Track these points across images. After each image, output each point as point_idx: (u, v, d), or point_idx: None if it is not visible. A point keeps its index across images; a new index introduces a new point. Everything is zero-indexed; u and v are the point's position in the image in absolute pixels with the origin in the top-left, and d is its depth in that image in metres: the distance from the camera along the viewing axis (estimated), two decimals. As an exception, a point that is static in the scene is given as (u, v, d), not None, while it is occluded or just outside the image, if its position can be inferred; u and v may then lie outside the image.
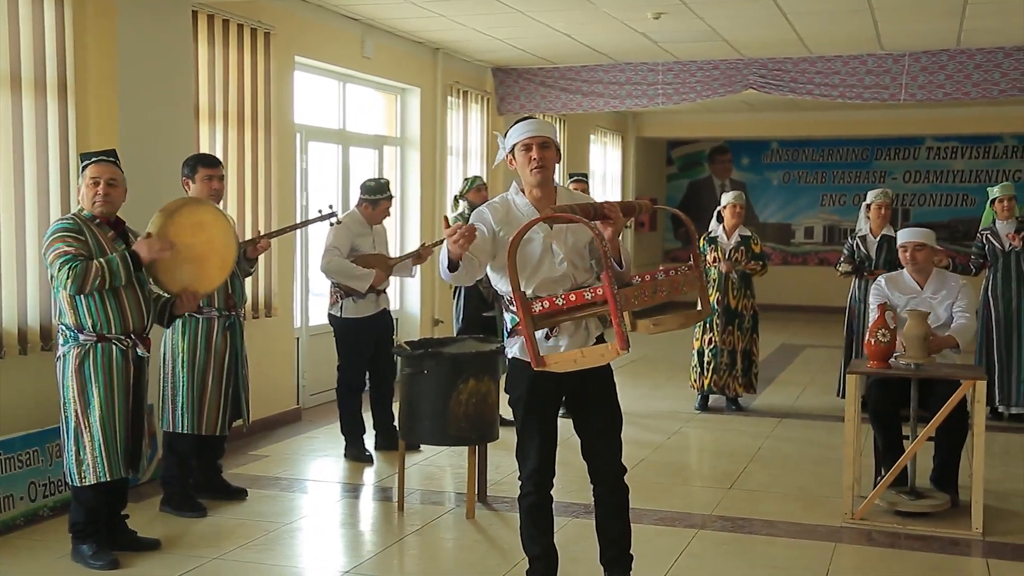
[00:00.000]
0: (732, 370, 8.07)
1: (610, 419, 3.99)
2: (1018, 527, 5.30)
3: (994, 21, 8.30)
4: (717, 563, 4.79)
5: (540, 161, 3.83)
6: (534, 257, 3.82)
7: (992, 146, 15.86)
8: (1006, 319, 7.77)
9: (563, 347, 3.84)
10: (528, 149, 3.84)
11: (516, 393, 3.96)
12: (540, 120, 3.96)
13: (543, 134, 3.85)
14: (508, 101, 10.78)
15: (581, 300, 3.48)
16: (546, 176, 3.88)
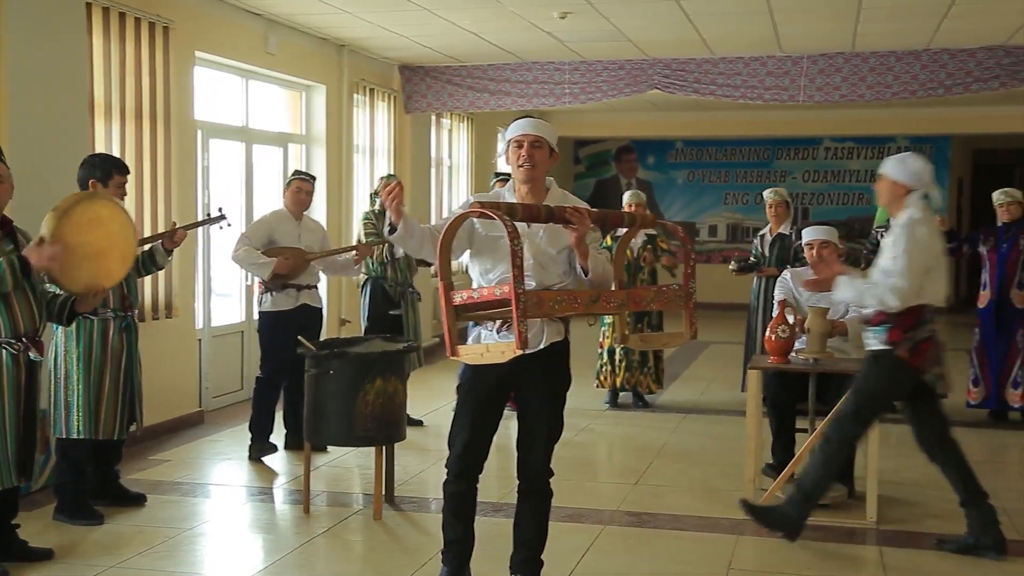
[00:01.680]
0: (644, 367, 8.18)
1: (548, 421, 4.02)
2: (910, 515, 5.48)
3: (886, 25, 8.57)
4: (623, 558, 4.84)
5: (528, 159, 3.88)
6: (501, 253, 3.85)
7: (886, 147, 16.36)
8: None
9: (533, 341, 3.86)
10: (520, 146, 3.90)
11: (461, 379, 4.03)
12: (537, 120, 4.00)
13: (536, 133, 3.91)
14: (415, 99, 10.73)
15: (491, 296, 3.55)
16: (533, 174, 3.92)
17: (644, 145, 17.32)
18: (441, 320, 3.69)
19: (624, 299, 3.86)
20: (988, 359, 7.73)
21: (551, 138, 3.95)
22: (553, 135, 3.97)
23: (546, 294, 3.60)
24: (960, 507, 4.90)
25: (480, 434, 3.99)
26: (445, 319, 3.62)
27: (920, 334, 4.73)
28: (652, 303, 3.95)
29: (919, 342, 4.73)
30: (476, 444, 3.99)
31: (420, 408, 7.82)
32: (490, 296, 3.55)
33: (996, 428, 7.69)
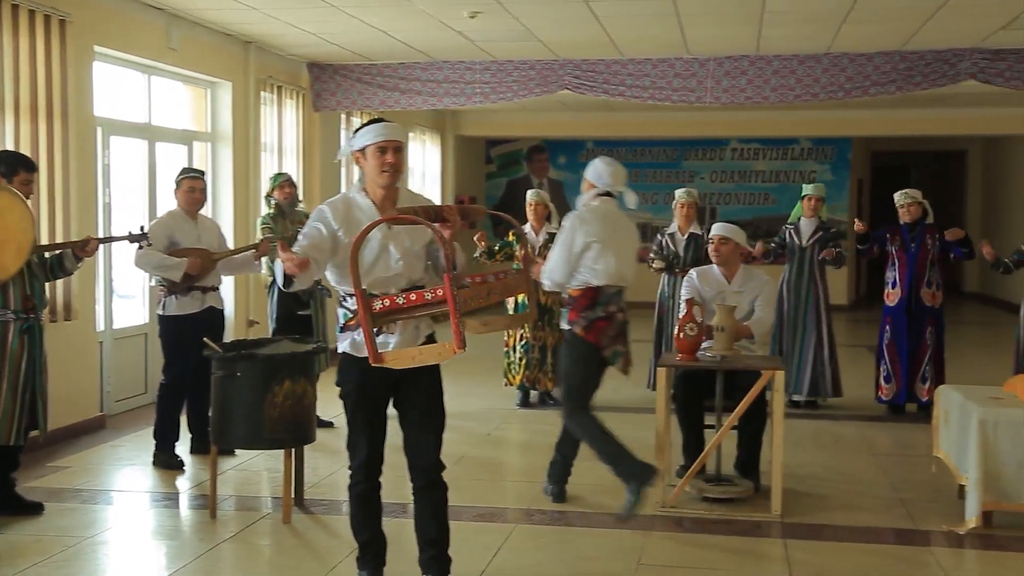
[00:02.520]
0: (543, 365, 8.22)
1: (431, 415, 4.04)
2: (812, 507, 5.61)
3: (788, 30, 8.76)
4: (534, 556, 4.85)
5: (394, 165, 3.89)
6: (371, 256, 3.87)
7: (790, 148, 16.76)
8: (794, 312, 8.21)
9: (392, 344, 3.89)
10: (383, 152, 3.88)
11: (346, 387, 4.02)
12: (394, 124, 3.97)
13: (398, 139, 3.91)
14: (324, 97, 10.60)
15: (421, 300, 3.58)
16: (395, 180, 3.94)
17: (555, 145, 17.43)
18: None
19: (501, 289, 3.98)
20: (899, 356, 7.95)
21: (406, 140, 3.99)
22: (406, 137, 4.01)
23: (466, 292, 3.62)
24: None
25: (378, 436, 4.04)
26: (364, 328, 3.62)
27: (595, 313, 5.26)
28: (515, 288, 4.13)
29: (594, 320, 5.26)
30: (377, 446, 4.04)
31: (330, 409, 7.73)
32: (419, 300, 3.57)
33: (895, 421, 7.92)
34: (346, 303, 3.92)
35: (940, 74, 9.41)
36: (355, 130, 4.00)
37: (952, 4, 7.77)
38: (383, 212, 3.88)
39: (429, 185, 15.05)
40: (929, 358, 7.89)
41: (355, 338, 3.91)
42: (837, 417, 8.05)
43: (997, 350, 11.00)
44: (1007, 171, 17.57)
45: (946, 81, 9.42)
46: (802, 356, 8.17)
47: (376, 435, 4.03)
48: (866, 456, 6.86)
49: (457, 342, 3.48)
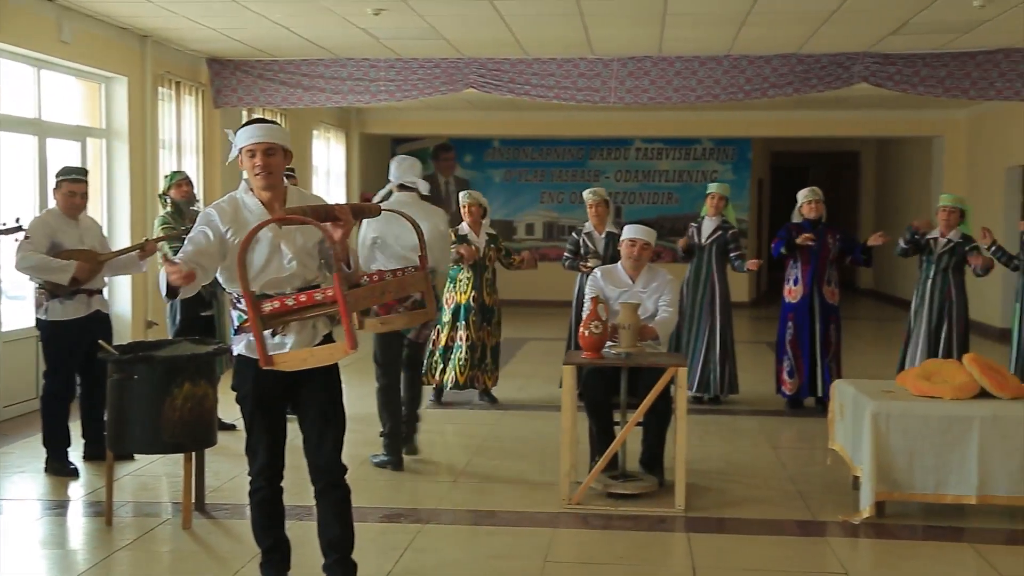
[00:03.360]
0: (483, 364, 8.23)
1: (329, 416, 3.97)
2: (715, 502, 5.71)
3: (690, 32, 8.91)
4: (441, 556, 4.83)
5: (264, 168, 3.81)
6: (262, 256, 3.81)
7: (693, 148, 17.05)
8: (690, 309, 8.35)
9: (289, 345, 3.84)
10: (252, 155, 3.81)
11: (243, 391, 3.96)
12: (268, 125, 3.88)
13: (268, 140, 3.81)
14: (225, 94, 10.39)
15: (311, 300, 3.53)
16: (271, 182, 3.85)
17: (462, 143, 17.42)
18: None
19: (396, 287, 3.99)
20: (802, 351, 8.14)
21: (283, 141, 3.88)
22: (285, 137, 3.91)
23: (358, 291, 3.59)
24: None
25: (277, 440, 3.97)
26: (255, 329, 3.55)
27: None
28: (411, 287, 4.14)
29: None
30: (276, 450, 3.97)
31: (232, 412, 7.57)
32: (309, 301, 3.51)
33: (794, 416, 8.12)
34: (240, 305, 3.83)
35: (834, 77, 9.68)
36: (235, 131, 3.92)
37: (844, 9, 7.99)
38: (272, 211, 3.81)
39: (334, 184, 14.89)
40: (832, 354, 8.11)
41: (250, 340, 3.83)
42: (738, 412, 8.21)
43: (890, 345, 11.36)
44: (898, 172, 18.18)
45: (840, 83, 9.70)
46: (695, 353, 8.32)
47: (275, 439, 3.96)
48: (766, 450, 7.01)
49: (349, 342, 3.44)
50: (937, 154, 15.47)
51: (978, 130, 14.37)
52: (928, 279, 7.59)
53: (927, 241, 7.67)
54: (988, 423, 5.17)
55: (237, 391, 3.98)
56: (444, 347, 8.20)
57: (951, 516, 5.37)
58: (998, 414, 5.18)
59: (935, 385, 5.39)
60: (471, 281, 8.19)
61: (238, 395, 3.97)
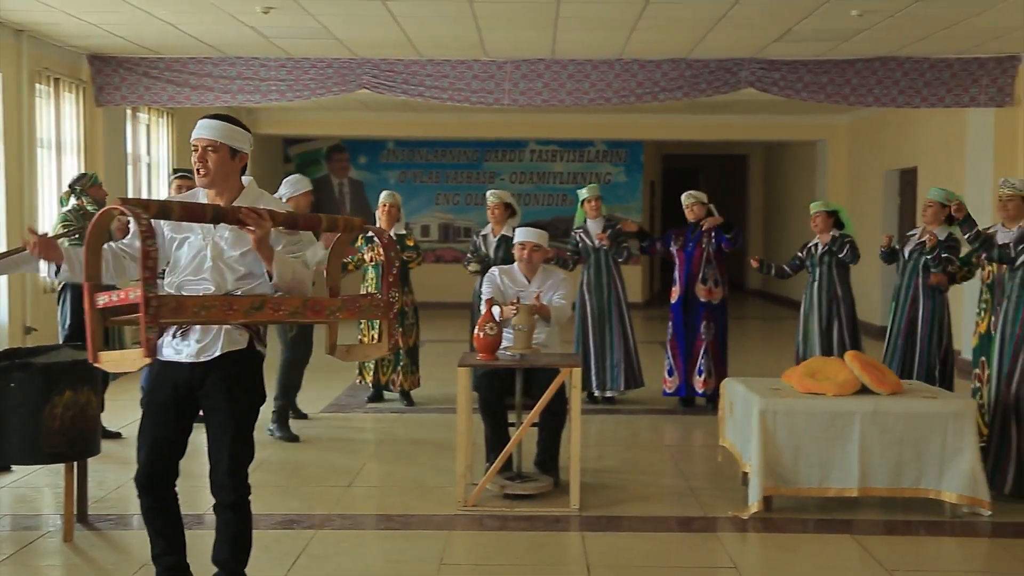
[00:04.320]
0: (399, 365, 8.17)
1: (229, 432, 3.76)
2: (609, 500, 5.78)
3: (582, 35, 9.00)
4: (335, 561, 4.78)
5: (200, 163, 3.69)
6: (187, 257, 3.70)
7: (586, 150, 17.24)
8: (598, 311, 8.45)
9: (186, 352, 3.69)
10: (195, 150, 3.70)
11: (143, 391, 3.89)
12: (213, 122, 3.72)
13: (210, 136, 3.69)
14: (108, 92, 10.07)
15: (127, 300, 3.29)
16: (210, 179, 3.70)
17: (356, 145, 17.26)
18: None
19: (299, 307, 3.61)
20: (679, 350, 8.31)
21: (230, 139, 3.71)
22: (234, 135, 3.73)
23: (190, 299, 3.38)
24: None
25: (163, 445, 3.78)
26: (88, 322, 3.38)
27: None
28: (338, 312, 3.72)
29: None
30: (160, 456, 3.78)
31: (121, 419, 7.37)
32: (126, 299, 3.29)
33: (685, 414, 8.28)
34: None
35: (722, 81, 9.90)
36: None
37: (731, 16, 8.18)
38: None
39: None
40: (704, 352, 8.28)
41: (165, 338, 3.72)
42: (632, 411, 8.33)
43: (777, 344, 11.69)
44: (784, 175, 18.72)
45: (728, 88, 9.93)
46: (612, 353, 8.41)
47: (159, 444, 3.77)
48: (659, 448, 7.14)
49: (145, 350, 3.23)
50: (821, 157, 15.99)
51: (859, 135, 14.90)
52: (815, 281, 7.83)
53: (807, 251, 7.92)
54: (868, 418, 5.36)
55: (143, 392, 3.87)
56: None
57: (835, 509, 5.54)
58: (878, 409, 5.37)
59: (819, 382, 5.56)
60: (375, 282, 8.15)
61: (142, 396, 3.86)
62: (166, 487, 3.84)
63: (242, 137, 3.78)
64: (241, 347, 3.74)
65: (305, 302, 3.65)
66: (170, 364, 3.73)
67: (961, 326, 8.58)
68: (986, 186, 9.64)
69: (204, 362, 3.68)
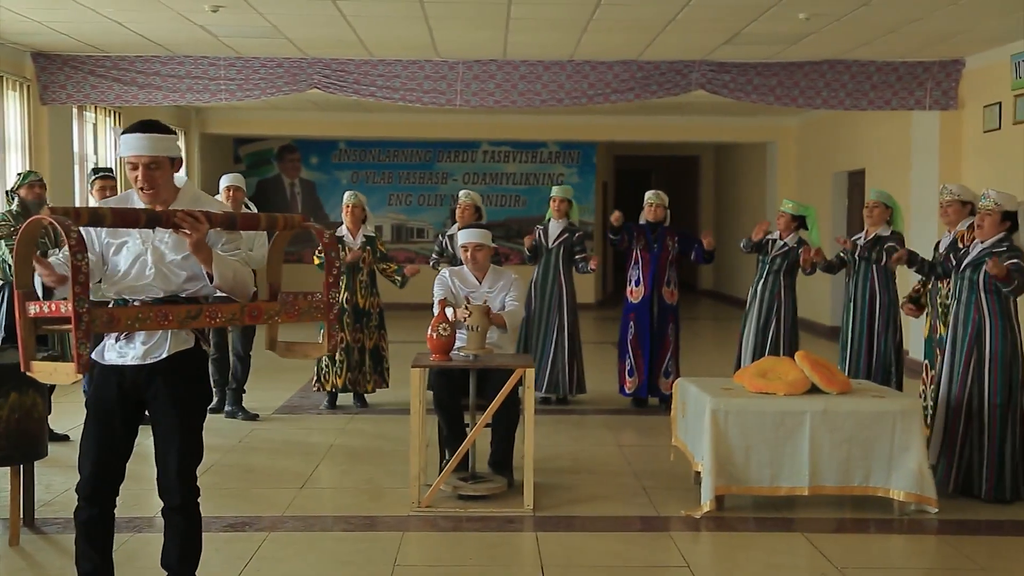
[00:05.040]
0: (362, 367, 8.12)
1: (172, 435, 3.70)
2: (562, 500, 5.80)
3: (533, 36, 9.02)
4: (288, 565, 4.74)
5: (146, 182, 3.58)
6: (126, 262, 3.62)
7: (539, 151, 17.28)
8: (539, 311, 8.46)
9: (131, 354, 3.62)
10: (134, 168, 3.58)
11: (86, 397, 3.79)
12: (150, 135, 3.60)
13: (151, 153, 3.57)
14: (53, 90, 9.90)
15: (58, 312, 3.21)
16: (154, 198, 3.60)
17: (307, 145, 17.14)
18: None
19: (237, 313, 3.61)
20: (643, 351, 8.34)
21: (168, 151, 3.63)
22: (170, 145, 3.64)
23: (123, 311, 3.35)
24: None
25: (108, 453, 3.69)
26: (20, 331, 3.31)
27: None
28: (277, 315, 3.70)
29: None
30: (106, 464, 3.69)
31: (68, 421, 7.25)
32: (57, 312, 3.23)
33: (639, 414, 8.32)
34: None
35: (673, 83, 9.99)
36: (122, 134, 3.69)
37: (680, 19, 8.25)
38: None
39: (173, 185, 14.38)
40: (671, 354, 8.35)
41: (104, 343, 3.66)
42: (585, 411, 8.36)
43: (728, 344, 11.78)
44: (735, 176, 18.91)
45: (679, 90, 10.02)
46: (544, 355, 8.43)
47: (104, 452, 3.68)
48: (612, 448, 7.17)
49: (77, 365, 3.16)
50: (771, 159, 16.18)
51: (807, 137, 15.10)
52: (761, 279, 7.88)
53: (766, 241, 7.98)
54: (818, 417, 5.43)
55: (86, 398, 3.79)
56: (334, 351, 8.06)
57: (785, 507, 5.61)
58: (828, 408, 5.44)
59: (770, 382, 5.62)
60: (344, 283, 8.05)
61: (85, 401, 3.78)
62: (110, 499, 3.75)
63: (176, 144, 3.72)
64: (189, 347, 3.70)
65: (243, 308, 3.62)
66: (114, 368, 3.65)
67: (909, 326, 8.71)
68: (931, 188, 9.82)
69: (150, 364, 3.62)
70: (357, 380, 8.18)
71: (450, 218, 8.58)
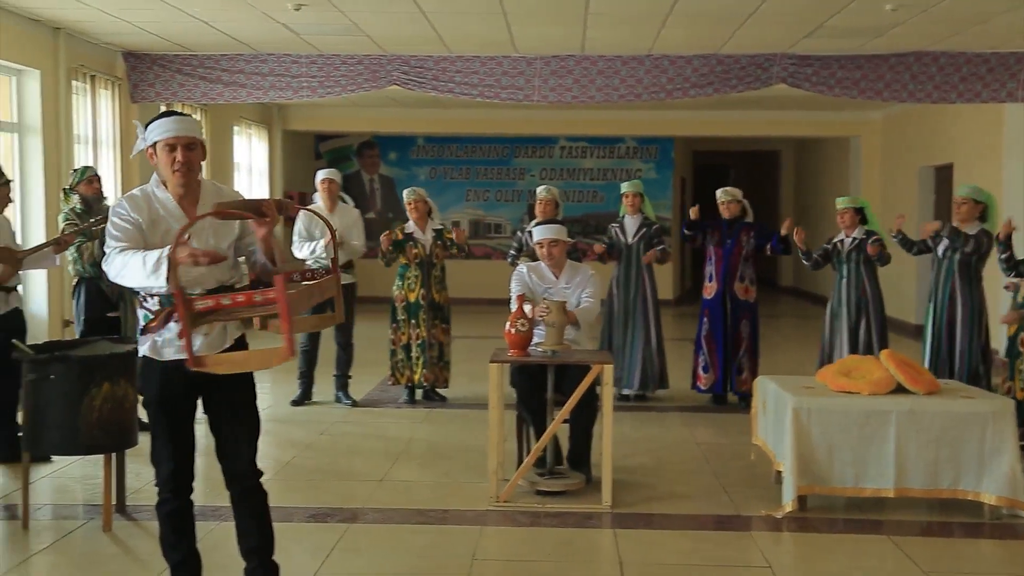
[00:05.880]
0: (441, 361, 8.21)
1: (242, 419, 3.85)
2: (640, 498, 5.77)
3: (611, 31, 8.98)
4: (368, 556, 4.80)
5: (185, 164, 3.67)
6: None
7: (616, 147, 17.20)
8: (623, 308, 8.42)
9: (197, 347, 3.67)
10: (172, 150, 3.66)
11: (148, 394, 3.82)
12: (185, 117, 3.73)
13: (190, 134, 3.68)
14: (142, 88, 10.16)
15: (250, 301, 3.36)
16: (190, 179, 3.71)
17: (386, 141, 17.31)
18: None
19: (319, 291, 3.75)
20: (716, 347, 8.27)
21: (200, 135, 3.77)
22: (200, 130, 3.81)
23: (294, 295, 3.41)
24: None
25: (184, 446, 3.81)
26: (185, 329, 3.40)
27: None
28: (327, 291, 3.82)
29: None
30: (184, 457, 3.81)
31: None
32: (247, 301, 3.35)
33: (718, 411, 8.24)
34: (147, 303, 3.69)
35: (754, 77, 9.84)
36: (146, 124, 3.76)
37: (762, 11, 8.13)
38: (184, 206, 3.70)
39: (256, 181, 14.68)
40: (744, 350, 8.25)
41: (156, 340, 3.72)
42: (664, 409, 8.31)
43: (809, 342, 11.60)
44: (816, 171, 18.59)
45: (759, 84, 9.87)
46: (632, 351, 8.39)
47: (181, 446, 3.79)
48: (691, 446, 7.11)
49: (289, 349, 3.30)
50: (854, 154, 15.86)
51: (892, 131, 14.76)
52: (843, 278, 7.76)
53: (833, 246, 7.85)
54: (904, 417, 5.31)
55: (143, 395, 3.85)
56: (405, 345, 8.15)
57: (870, 509, 5.50)
58: (914, 409, 5.32)
59: (853, 381, 5.51)
60: (419, 279, 8.12)
61: (144, 399, 3.86)
62: (191, 489, 3.87)
63: (203, 135, 3.84)
64: (240, 334, 3.84)
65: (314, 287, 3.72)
66: (178, 363, 3.68)
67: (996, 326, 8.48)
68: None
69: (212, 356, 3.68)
70: (436, 376, 8.23)
71: (527, 214, 8.55)
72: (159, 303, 3.67)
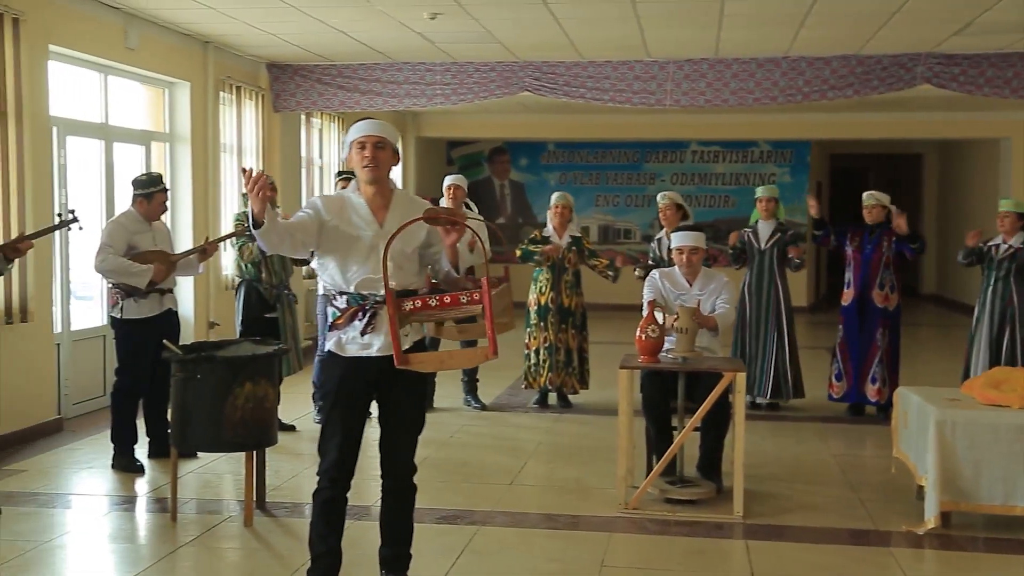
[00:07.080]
0: (568, 367, 8.24)
1: (411, 417, 4.06)
2: (773, 509, 5.65)
3: (747, 33, 8.83)
4: (498, 558, 4.84)
5: (372, 160, 3.89)
6: (360, 255, 3.89)
7: (750, 151, 16.89)
8: (755, 315, 8.26)
9: (376, 346, 3.87)
10: (362, 147, 3.91)
11: (327, 386, 4.05)
12: (379, 121, 3.99)
13: (378, 134, 3.92)
14: (284, 98, 10.52)
15: (456, 303, 3.58)
16: (377, 175, 3.93)
17: (516, 147, 17.44)
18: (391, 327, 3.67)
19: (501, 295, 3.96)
20: (850, 355, 8.03)
21: (393, 139, 3.99)
22: (395, 136, 4.02)
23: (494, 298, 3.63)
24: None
25: (351, 441, 3.97)
26: (392, 328, 3.63)
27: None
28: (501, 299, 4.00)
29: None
30: (350, 450, 3.98)
31: (293, 412, 7.68)
32: (453, 303, 3.58)
33: (854, 423, 8.00)
34: (336, 302, 3.92)
35: (896, 78, 9.53)
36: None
37: (907, 9, 7.87)
38: (375, 209, 3.92)
39: (390, 186, 14.96)
40: (879, 359, 7.97)
41: (340, 337, 3.92)
42: (797, 418, 8.11)
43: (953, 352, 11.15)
44: (962, 175, 17.84)
45: (902, 85, 9.55)
46: (764, 359, 8.21)
47: (349, 439, 3.95)
48: (826, 457, 6.92)
49: (492, 349, 3.53)
50: (1004, 156, 15.16)
51: (1045, 132, 14.05)
52: (989, 286, 7.44)
53: (988, 248, 7.52)
54: (1057, 432, 5.05)
55: (321, 387, 4.06)
56: (536, 350, 8.22)
57: (1019, 528, 5.25)
58: (1067, 423, 5.06)
59: (1003, 394, 5.27)
60: (549, 282, 8.18)
61: (322, 390, 4.05)
62: (349, 483, 4.02)
63: (398, 139, 4.04)
64: (420, 337, 4.00)
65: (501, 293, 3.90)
66: (359, 359, 3.90)
67: None
68: None
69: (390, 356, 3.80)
70: (563, 380, 8.25)
71: (658, 220, 8.47)
72: (347, 302, 3.89)
